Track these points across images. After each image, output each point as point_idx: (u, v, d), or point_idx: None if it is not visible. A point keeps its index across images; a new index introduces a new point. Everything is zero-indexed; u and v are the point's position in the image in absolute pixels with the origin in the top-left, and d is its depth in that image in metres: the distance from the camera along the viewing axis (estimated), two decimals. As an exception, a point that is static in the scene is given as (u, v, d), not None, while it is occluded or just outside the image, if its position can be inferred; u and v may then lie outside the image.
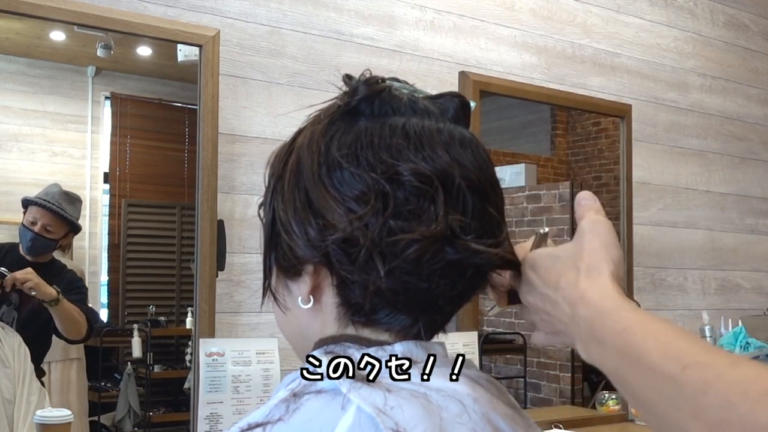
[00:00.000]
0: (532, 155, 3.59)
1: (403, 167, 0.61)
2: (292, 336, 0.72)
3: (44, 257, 1.97)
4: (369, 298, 0.63)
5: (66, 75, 2.13)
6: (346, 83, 0.67)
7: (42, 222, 1.93)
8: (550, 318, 0.66)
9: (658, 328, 0.55)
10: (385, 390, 0.58)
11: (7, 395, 1.77)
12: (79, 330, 1.95)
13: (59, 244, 1.98)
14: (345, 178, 0.62)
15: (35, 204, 1.94)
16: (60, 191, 1.96)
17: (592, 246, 0.64)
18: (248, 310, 2.00)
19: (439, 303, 0.65)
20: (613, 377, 0.58)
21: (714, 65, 3.14)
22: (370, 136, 0.63)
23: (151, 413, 2.16)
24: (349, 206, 0.61)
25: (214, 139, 1.90)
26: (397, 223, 0.61)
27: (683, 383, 0.50)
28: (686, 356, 0.52)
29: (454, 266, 0.63)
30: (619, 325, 0.57)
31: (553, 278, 0.64)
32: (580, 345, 0.62)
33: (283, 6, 2.11)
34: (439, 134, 0.64)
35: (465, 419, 0.59)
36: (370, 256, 0.61)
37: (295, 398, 0.60)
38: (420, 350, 0.64)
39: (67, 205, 1.96)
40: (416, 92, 0.67)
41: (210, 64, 1.90)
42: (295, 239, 0.64)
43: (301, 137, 0.67)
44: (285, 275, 0.67)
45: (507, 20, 2.54)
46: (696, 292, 3.01)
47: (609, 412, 2.55)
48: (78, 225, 1.99)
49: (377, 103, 0.65)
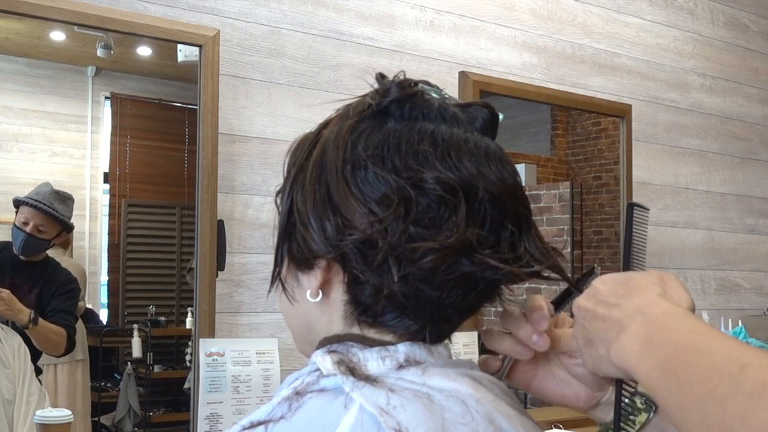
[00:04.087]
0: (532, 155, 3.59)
1: (428, 175, 0.61)
2: (296, 327, 0.71)
3: (38, 256, 1.96)
4: (379, 300, 0.62)
5: (66, 75, 2.13)
6: (379, 82, 0.67)
7: (34, 222, 1.92)
8: (593, 322, 0.64)
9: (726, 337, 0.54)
10: (387, 390, 0.58)
11: (7, 395, 1.77)
12: (56, 348, 1.93)
13: (52, 244, 1.97)
14: (369, 179, 0.61)
15: (26, 204, 1.92)
16: (51, 191, 1.95)
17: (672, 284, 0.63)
18: (248, 310, 2.00)
19: (448, 312, 0.64)
20: (655, 374, 0.55)
21: (714, 65, 3.14)
22: (398, 139, 0.63)
23: (151, 413, 2.16)
24: (370, 207, 0.61)
25: (214, 139, 1.90)
26: (417, 230, 0.60)
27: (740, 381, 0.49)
28: (748, 358, 0.50)
29: (468, 278, 0.62)
30: (686, 326, 0.56)
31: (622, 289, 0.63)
32: (617, 344, 0.60)
33: (283, 6, 2.10)
34: (466, 144, 0.63)
35: (468, 419, 0.59)
36: (386, 260, 0.60)
37: (298, 397, 0.60)
38: (423, 351, 0.64)
39: (58, 205, 1.94)
40: (447, 99, 0.67)
41: (210, 64, 1.90)
42: (311, 233, 0.63)
43: (328, 131, 0.66)
44: (296, 266, 0.67)
45: (507, 20, 2.53)
46: (696, 292, 3.01)
47: (609, 412, 2.55)
48: (70, 224, 1.98)
49: (408, 107, 0.65)
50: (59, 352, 1.93)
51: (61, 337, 1.92)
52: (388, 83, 0.66)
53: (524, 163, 3.49)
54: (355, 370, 0.61)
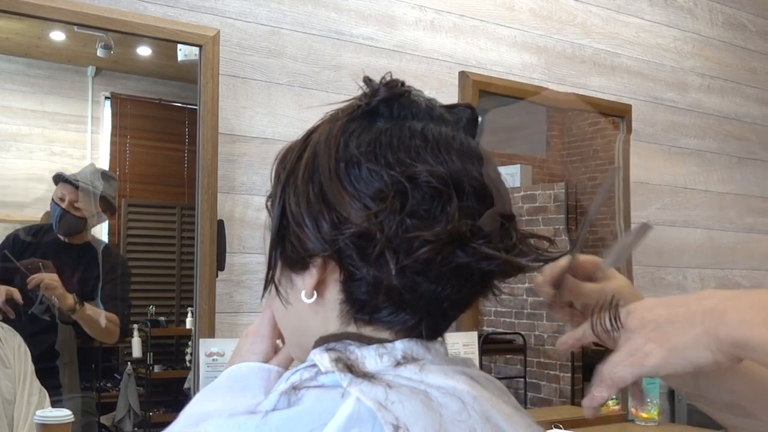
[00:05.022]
0: (528, 156, 3.60)
1: (421, 168, 0.62)
2: (290, 330, 0.72)
3: (77, 238, 1.96)
4: (375, 296, 0.63)
5: (66, 75, 2.13)
6: (367, 84, 0.68)
7: (69, 198, 1.92)
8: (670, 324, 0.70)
9: None
10: (385, 386, 0.59)
11: (7, 395, 1.77)
12: (110, 335, 1.96)
13: (89, 224, 1.97)
14: (362, 176, 0.63)
15: (63, 180, 1.93)
16: (93, 169, 1.96)
17: None
18: (248, 310, 2.00)
19: (444, 306, 0.65)
20: None
21: (713, 65, 3.14)
22: (389, 137, 0.64)
23: (151, 413, 2.16)
24: (365, 203, 0.62)
25: (214, 139, 1.91)
26: (413, 222, 0.61)
27: None
28: None
29: (463, 270, 0.63)
30: None
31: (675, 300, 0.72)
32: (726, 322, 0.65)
33: (283, 6, 2.11)
34: (453, 141, 0.66)
35: (465, 417, 0.59)
36: (383, 253, 0.61)
37: (295, 391, 0.60)
38: (421, 348, 0.64)
39: (98, 182, 1.94)
40: (431, 100, 0.69)
41: (210, 64, 1.90)
42: (306, 232, 0.64)
43: (317, 133, 0.67)
44: (290, 268, 0.67)
45: (507, 20, 2.54)
46: (695, 291, 3.01)
47: (609, 412, 2.56)
48: (111, 201, 1.97)
49: (397, 106, 0.66)
50: (113, 339, 1.98)
51: (115, 324, 1.94)
52: (376, 85, 0.68)
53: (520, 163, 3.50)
54: (353, 368, 0.61)
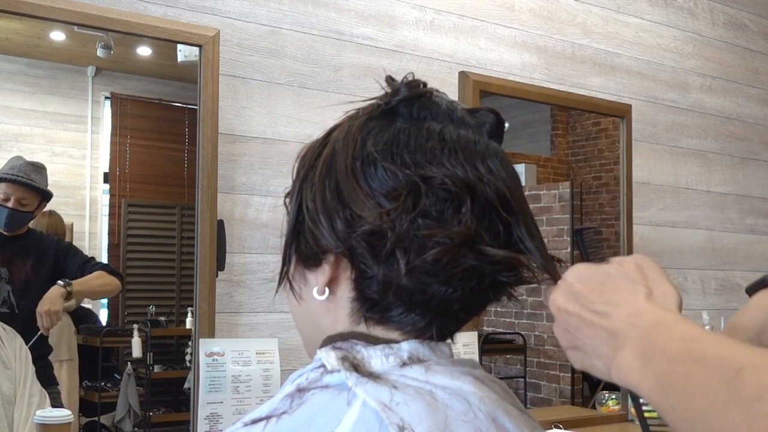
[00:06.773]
0: (532, 155, 3.60)
1: (436, 171, 0.62)
2: (304, 328, 0.72)
3: (21, 229, 1.97)
4: (386, 295, 0.63)
5: (66, 75, 2.13)
6: (389, 84, 0.69)
7: (15, 196, 1.93)
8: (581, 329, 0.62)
9: (721, 339, 0.52)
10: (391, 386, 0.59)
11: (8, 396, 1.77)
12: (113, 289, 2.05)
13: (34, 215, 1.98)
14: (378, 174, 0.63)
15: (4, 180, 1.93)
16: (25, 162, 1.95)
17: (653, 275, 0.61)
18: (248, 310, 2.00)
19: (454, 308, 0.65)
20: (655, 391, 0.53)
21: (714, 65, 3.14)
22: (407, 137, 0.65)
23: (151, 413, 2.16)
24: (378, 201, 0.62)
25: (214, 139, 1.90)
26: (425, 222, 0.62)
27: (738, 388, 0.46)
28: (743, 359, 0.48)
29: (473, 273, 0.63)
30: (678, 334, 0.54)
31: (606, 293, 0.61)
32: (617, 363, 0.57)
33: (283, 6, 2.11)
34: (474, 145, 0.65)
35: (470, 417, 0.59)
36: (393, 251, 0.61)
37: (301, 393, 0.61)
38: (426, 349, 0.65)
39: (35, 175, 1.95)
40: (454, 102, 0.69)
41: (210, 64, 1.90)
42: (321, 228, 0.64)
43: (338, 131, 0.68)
44: (304, 265, 0.68)
45: (507, 20, 2.54)
46: (696, 292, 3.01)
47: (609, 412, 2.55)
48: (49, 192, 1.98)
49: (416, 107, 0.67)
50: (118, 288, 2.06)
51: (105, 277, 2.00)
52: (397, 84, 0.68)
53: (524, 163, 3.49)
54: (358, 367, 0.61)
